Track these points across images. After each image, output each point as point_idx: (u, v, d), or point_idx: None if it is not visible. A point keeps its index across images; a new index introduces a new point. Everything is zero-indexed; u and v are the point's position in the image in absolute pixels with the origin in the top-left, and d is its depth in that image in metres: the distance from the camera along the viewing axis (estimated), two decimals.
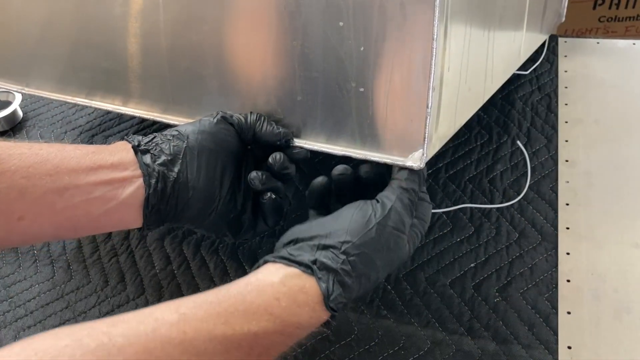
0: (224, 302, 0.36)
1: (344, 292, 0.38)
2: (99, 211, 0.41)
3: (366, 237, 0.39)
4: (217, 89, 0.50)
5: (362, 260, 0.39)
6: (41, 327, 0.55)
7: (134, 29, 0.51)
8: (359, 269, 0.39)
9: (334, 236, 0.39)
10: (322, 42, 0.43)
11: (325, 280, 0.38)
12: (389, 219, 0.40)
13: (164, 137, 0.44)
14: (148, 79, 0.52)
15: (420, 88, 0.41)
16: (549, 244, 0.56)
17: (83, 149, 0.42)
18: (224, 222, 0.47)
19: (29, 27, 0.56)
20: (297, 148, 0.47)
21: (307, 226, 0.42)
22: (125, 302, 0.56)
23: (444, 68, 0.42)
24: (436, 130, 0.44)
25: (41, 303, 0.57)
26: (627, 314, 0.50)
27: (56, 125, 0.76)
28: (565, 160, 0.63)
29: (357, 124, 0.45)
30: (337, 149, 0.46)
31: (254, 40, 0.47)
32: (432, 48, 0.40)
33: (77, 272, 0.59)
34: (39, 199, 0.39)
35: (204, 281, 0.57)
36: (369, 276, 0.40)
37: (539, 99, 0.70)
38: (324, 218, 0.42)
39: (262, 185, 0.46)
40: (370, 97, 0.44)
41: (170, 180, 0.42)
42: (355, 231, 0.40)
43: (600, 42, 0.75)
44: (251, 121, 0.46)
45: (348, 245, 0.39)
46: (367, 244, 0.39)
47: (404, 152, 0.44)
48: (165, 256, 0.60)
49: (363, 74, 0.43)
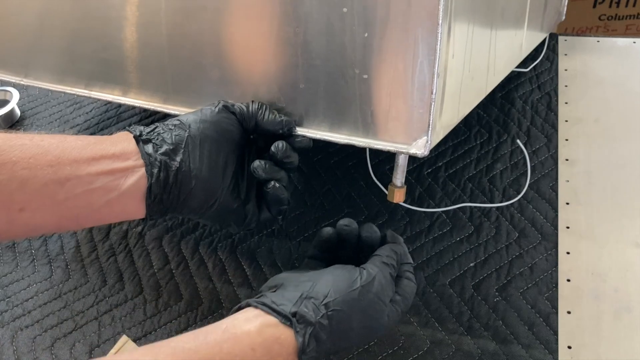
0: (201, 351, 0.36)
1: (317, 346, 0.39)
2: (100, 202, 0.41)
3: (348, 297, 0.40)
4: (218, 78, 0.49)
5: (340, 317, 0.40)
6: (39, 327, 0.55)
7: (134, 18, 0.50)
8: (336, 325, 0.40)
9: (318, 289, 0.40)
10: (325, 29, 0.43)
11: (302, 334, 0.38)
12: (373, 285, 0.41)
13: (166, 127, 0.44)
14: (148, 68, 0.52)
15: (424, 74, 0.41)
16: (549, 243, 0.56)
17: (84, 139, 0.42)
18: (228, 212, 0.46)
19: (27, 17, 0.56)
20: (300, 137, 0.47)
21: (296, 276, 0.43)
22: (123, 301, 0.56)
23: (448, 55, 0.42)
24: (440, 118, 0.44)
25: (39, 302, 0.57)
26: (628, 313, 0.50)
27: (54, 124, 0.76)
28: (565, 159, 0.63)
29: (360, 111, 0.45)
30: (340, 137, 0.46)
31: (256, 28, 0.46)
32: (438, 33, 0.39)
33: (75, 272, 0.59)
34: (40, 190, 0.39)
35: (202, 280, 0.57)
36: (344, 336, 0.40)
37: (538, 98, 0.69)
38: (313, 272, 0.43)
39: (265, 174, 0.45)
40: (374, 84, 0.43)
41: (173, 169, 0.42)
42: (339, 289, 0.40)
43: (600, 40, 0.75)
44: (253, 110, 0.46)
45: (330, 300, 0.40)
46: (348, 303, 0.40)
47: (408, 139, 0.43)
48: (163, 255, 0.59)
49: (367, 60, 0.43)
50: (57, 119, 0.76)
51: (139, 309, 0.55)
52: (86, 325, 0.54)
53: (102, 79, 0.54)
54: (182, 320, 0.54)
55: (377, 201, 0.62)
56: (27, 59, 0.58)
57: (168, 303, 0.55)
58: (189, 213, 0.45)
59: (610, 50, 0.74)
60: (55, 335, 0.54)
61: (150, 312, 0.55)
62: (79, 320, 0.55)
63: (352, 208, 0.61)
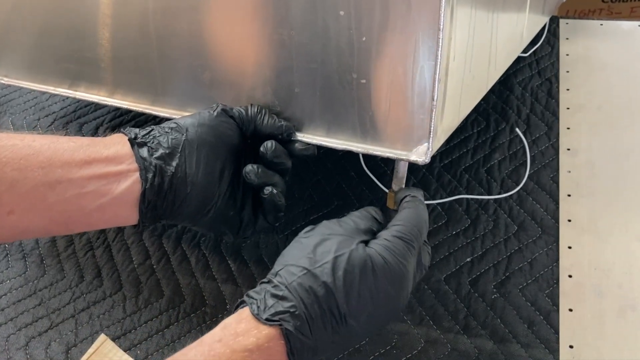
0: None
1: (307, 341, 0.37)
2: (91, 206, 0.41)
3: (353, 281, 0.38)
4: (210, 80, 0.49)
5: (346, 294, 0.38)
6: (12, 325, 0.54)
7: (120, 17, 0.50)
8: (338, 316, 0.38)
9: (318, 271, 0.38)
10: (322, 32, 0.43)
11: (289, 333, 0.36)
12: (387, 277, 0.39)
13: (162, 130, 0.43)
14: (136, 69, 0.52)
15: (425, 80, 0.41)
16: (549, 237, 0.55)
17: (77, 141, 0.42)
18: (223, 220, 0.46)
19: (7, 15, 0.55)
20: (302, 143, 0.47)
21: (299, 247, 0.40)
22: (101, 298, 0.55)
23: (449, 58, 0.42)
24: (441, 123, 0.44)
25: (13, 300, 0.55)
26: (632, 311, 0.49)
27: (29, 111, 0.74)
28: (567, 149, 0.62)
29: (358, 116, 0.45)
30: (338, 142, 0.46)
31: (249, 30, 0.46)
32: (439, 39, 0.39)
33: (50, 267, 0.58)
34: (29, 192, 0.39)
35: (184, 276, 0.56)
36: (346, 330, 0.38)
37: (539, 84, 0.68)
38: (317, 239, 0.40)
39: (257, 178, 0.45)
40: (372, 89, 0.43)
41: (168, 174, 0.42)
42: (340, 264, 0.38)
43: (603, 23, 0.75)
44: (252, 114, 0.46)
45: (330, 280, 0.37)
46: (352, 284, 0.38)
47: (408, 146, 0.43)
48: (143, 250, 0.58)
49: (365, 65, 0.43)
50: (32, 107, 0.75)
51: (118, 307, 0.54)
52: (62, 324, 0.53)
53: (87, 79, 0.54)
54: (164, 318, 0.53)
55: (368, 192, 0.60)
56: (8, 57, 0.57)
57: (149, 300, 0.54)
58: (183, 220, 0.45)
59: (614, 34, 0.73)
60: (30, 334, 0.53)
61: (130, 309, 0.54)
62: (55, 319, 0.54)
63: (342, 200, 0.60)
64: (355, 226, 0.41)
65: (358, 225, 0.41)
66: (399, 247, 0.39)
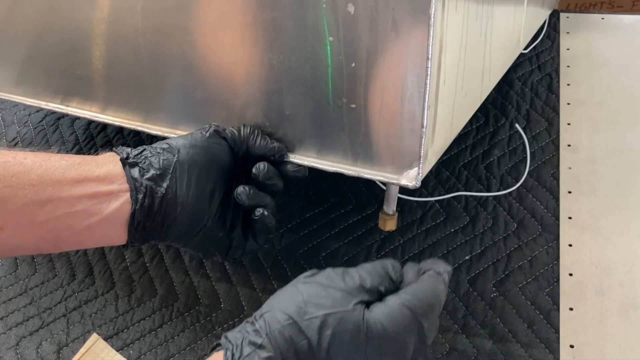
0: None
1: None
2: (81, 225, 0.41)
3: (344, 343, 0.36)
4: (202, 99, 0.49)
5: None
6: (3, 325, 0.53)
7: (110, 35, 0.50)
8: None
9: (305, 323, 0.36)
10: (311, 57, 0.43)
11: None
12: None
13: (154, 150, 0.44)
14: (128, 87, 0.52)
15: (414, 106, 0.41)
16: (549, 234, 0.55)
17: (69, 159, 0.42)
18: (212, 241, 0.46)
19: (0, 30, 0.56)
20: (294, 165, 0.47)
21: (285, 296, 0.38)
22: (93, 297, 0.55)
23: (439, 83, 0.41)
24: (432, 146, 0.44)
25: (3, 298, 0.55)
26: (634, 310, 0.49)
27: (19, 106, 0.74)
28: (567, 145, 0.62)
29: (348, 139, 0.45)
30: (329, 164, 0.46)
31: (238, 52, 0.46)
32: (427, 68, 0.39)
33: (41, 265, 0.58)
34: (19, 210, 0.39)
35: (178, 275, 0.55)
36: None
37: (539, 79, 0.68)
38: (306, 287, 0.38)
39: (249, 200, 0.45)
40: (362, 113, 0.43)
41: (158, 196, 0.42)
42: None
43: (605, 17, 0.74)
44: (244, 134, 0.46)
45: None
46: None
47: (399, 169, 0.43)
48: (136, 248, 0.58)
49: (354, 90, 0.43)
50: (13, 106, 0.74)
51: (111, 306, 0.54)
52: (54, 323, 0.53)
53: (79, 94, 0.55)
54: (157, 317, 0.53)
55: (365, 190, 0.60)
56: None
57: (141, 299, 0.54)
58: (172, 240, 0.45)
59: (616, 28, 0.73)
60: (21, 334, 0.53)
61: (123, 308, 0.53)
62: (46, 318, 0.54)
63: (339, 197, 0.60)
64: (359, 283, 0.37)
65: (363, 282, 0.38)
66: (404, 317, 0.36)
